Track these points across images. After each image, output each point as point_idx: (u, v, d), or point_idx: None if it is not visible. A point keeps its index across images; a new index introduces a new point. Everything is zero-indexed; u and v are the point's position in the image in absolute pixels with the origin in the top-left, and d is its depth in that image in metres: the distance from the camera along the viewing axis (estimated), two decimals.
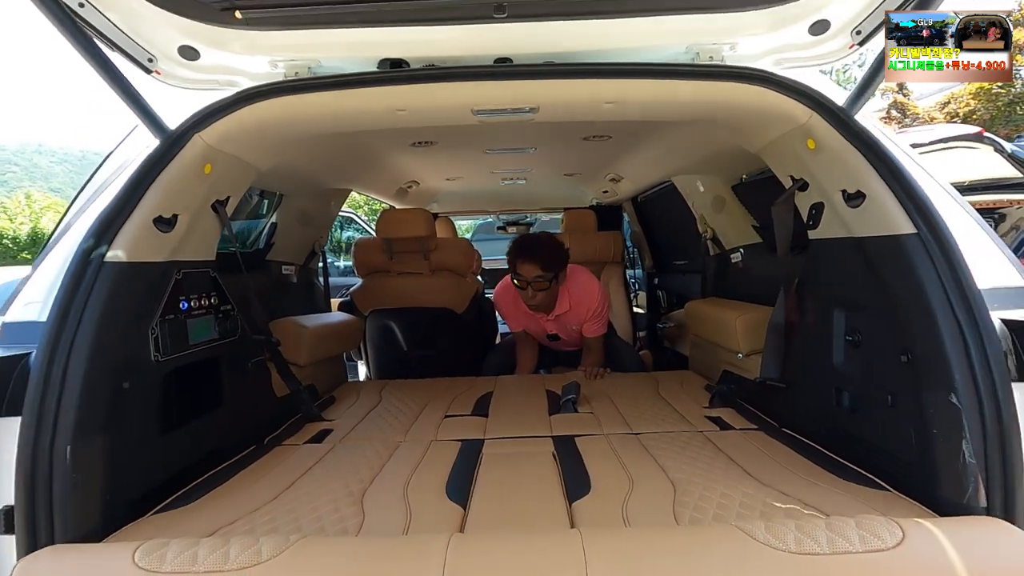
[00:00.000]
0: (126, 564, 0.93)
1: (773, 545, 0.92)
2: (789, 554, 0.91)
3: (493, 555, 0.96)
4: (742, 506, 1.19)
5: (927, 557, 0.91)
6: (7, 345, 1.09)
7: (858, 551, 0.90)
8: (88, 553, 1.02)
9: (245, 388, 1.70)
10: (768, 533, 0.94)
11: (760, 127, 1.51)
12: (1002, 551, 0.94)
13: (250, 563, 0.92)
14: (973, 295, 1.02)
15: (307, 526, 1.18)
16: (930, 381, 1.07)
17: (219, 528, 1.16)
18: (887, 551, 0.90)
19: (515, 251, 2.45)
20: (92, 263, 1.12)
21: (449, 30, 1.34)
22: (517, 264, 2.43)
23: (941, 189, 1.26)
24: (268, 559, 0.93)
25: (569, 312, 2.59)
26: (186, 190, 1.36)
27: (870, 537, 0.92)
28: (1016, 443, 0.97)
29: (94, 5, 1.18)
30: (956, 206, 1.24)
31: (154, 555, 0.94)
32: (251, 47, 1.36)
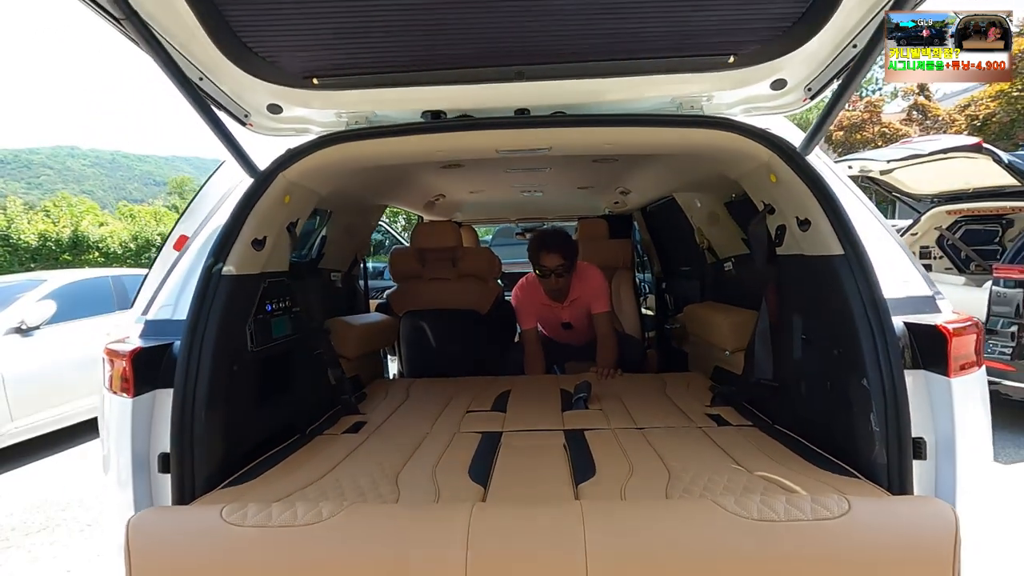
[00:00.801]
0: (215, 520, 1.17)
1: (739, 514, 1.12)
2: (751, 521, 1.11)
3: (507, 520, 1.19)
4: (725, 489, 1.34)
5: (865, 525, 1.10)
6: (152, 337, 1.46)
7: (808, 519, 1.10)
8: (183, 512, 1.29)
9: (308, 375, 2.06)
10: (736, 505, 1.14)
11: (734, 162, 1.82)
12: (928, 522, 1.11)
13: (314, 520, 1.15)
14: (881, 303, 1.33)
15: (352, 499, 1.36)
16: (850, 369, 1.37)
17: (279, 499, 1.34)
18: (833, 519, 1.10)
19: (538, 245, 2.86)
20: (214, 276, 1.48)
21: (479, 88, 1.66)
22: (541, 256, 2.83)
23: (871, 215, 1.56)
24: (327, 518, 1.16)
25: (580, 297, 3.00)
26: (272, 217, 1.73)
27: (820, 508, 1.12)
28: (905, 414, 1.26)
29: (210, 79, 1.55)
30: (883, 229, 1.54)
31: (237, 514, 1.17)
32: (323, 103, 1.71)
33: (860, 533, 1.06)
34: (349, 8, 1.38)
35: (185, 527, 1.16)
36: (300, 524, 1.11)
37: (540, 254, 2.84)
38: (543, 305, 3.05)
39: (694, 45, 1.50)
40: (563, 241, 2.86)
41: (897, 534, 1.06)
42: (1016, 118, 13.21)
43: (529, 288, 3.09)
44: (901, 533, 1.06)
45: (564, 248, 2.83)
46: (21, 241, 13.64)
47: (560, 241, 2.85)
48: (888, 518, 1.10)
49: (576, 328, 3.12)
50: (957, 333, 1.26)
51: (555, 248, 2.82)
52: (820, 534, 1.06)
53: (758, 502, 1.14)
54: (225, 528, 1.10)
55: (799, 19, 1.39)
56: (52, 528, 3.40)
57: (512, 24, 1.43)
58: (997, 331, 4.50)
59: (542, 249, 2.83)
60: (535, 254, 2.86)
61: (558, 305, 3.02)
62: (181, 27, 1.36)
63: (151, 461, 1.36)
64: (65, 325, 4.94)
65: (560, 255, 2.82)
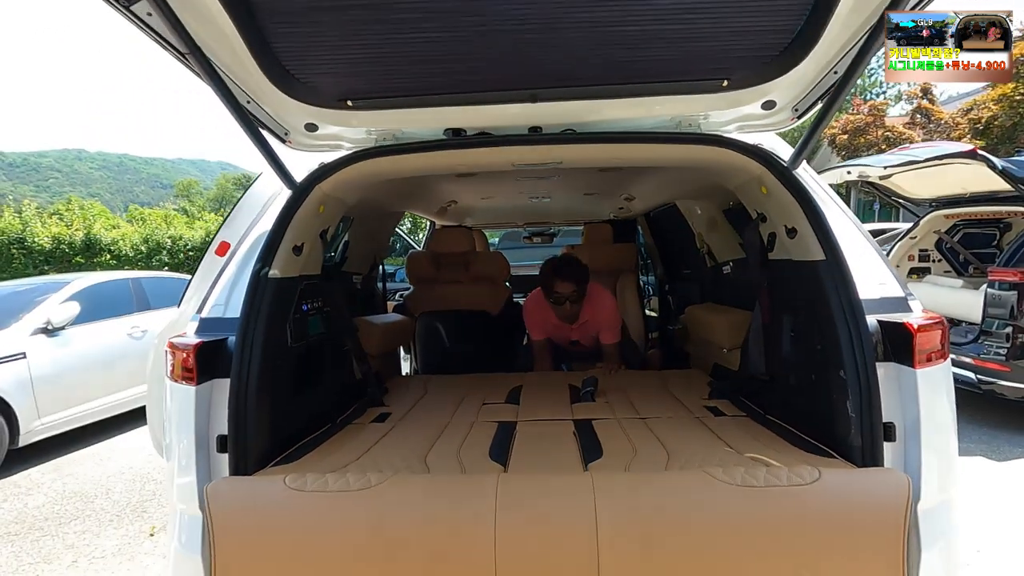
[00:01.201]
0: (280, 486, 1.35)
1: (726, 481, 1.30)
2: (735, 486, 1.29)
3: (528, 486, 1.38)
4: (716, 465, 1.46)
5: (832, 490, 1.28)
6: (207, 333, 1.64)
7: (784, 485, 1.28)
8: (251, 480, 1.48)
9: (338, 369, 2.23)
10: (724, 474, 1.32)
11: (728, 175, 1.99)
12: (886, 488, 1.29)
13: (364, 486, 1.33)
14: (857, 304, 1.49)
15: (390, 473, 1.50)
16: (830, 362, 1.54)
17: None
18: (805, 485, 1.28)
19: (551, 273, 2.94)
20: (262, 279, 1.66)
21: (497, 108, 1.82)
22: (555, 283, 2.92)
23: (852, 225, 1.72)
24: (376, 485, 1.35)
25: (589, 321, 3.09)
26: (309, 226, 1.90)
27: (795, 477, 1.29)
28: (877, 401, 1.42)
29: (256, 102, 1.73)
30: (863, 238, 1.70)
31: (298, 481, 1.35)
32: (355, 123, 1.88)
33: (827, 496, 1.23)
34: (380, 39, 1.55)
35: (255, 492, 1.33)
36: (353, 489, 1.29)
37: (554, 281, 2.93)
38: (553, 324, 3.16)
39: (692, 71, 1.66)
40: (576, 269, 2.95)
41: (859, 497, 1.23)
42: (1018, 121, 13.27)
43: (539, 306, 3.17)
44: (862, 496, 1.23)
45: (577, 276, 2.93)
46: (36, 244, 13.88)
47: (573, 269, 2.94)
48: (852, 484, 1.27)
49: (584, 345, 3.25)
50: (922, 329, 1.41)
51: (568, 276, 2.92)
52: (794, 497, 1.23)
53: (743, 472, 1.32)
54: (289, 492, 1.27)
55: (785, 49, 1.56)
56: (83, 518, 3.58)
57: (528, 53, 1.60)
58: (992, 332, 4.62)
59: (556, 276, 2.93)
60: (548, 280, 2.95)
61: (567, 326, 3.13)
62: (233, 58, 1.54)
63: (210, 442, 1.53)
64: (88, 326, 5.13)
65: (573, 283, 2.92)
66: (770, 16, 1.46)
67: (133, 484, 4.08)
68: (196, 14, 1.36)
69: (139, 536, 3.30)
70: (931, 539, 1.35)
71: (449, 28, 1.50)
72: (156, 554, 3.09)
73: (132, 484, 4.08)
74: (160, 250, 15.58)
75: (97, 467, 4.46)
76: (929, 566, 1.33)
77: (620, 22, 1.46)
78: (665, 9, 1.42)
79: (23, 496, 3.96)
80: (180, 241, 15.98)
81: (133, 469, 4.38)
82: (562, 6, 1.41)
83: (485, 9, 1.44)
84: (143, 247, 15.41)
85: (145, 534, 3.32)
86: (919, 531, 1.33)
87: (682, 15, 1.44)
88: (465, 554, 1.19)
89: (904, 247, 6.50)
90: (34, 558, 3.12)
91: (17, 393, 4.43)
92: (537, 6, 1.42)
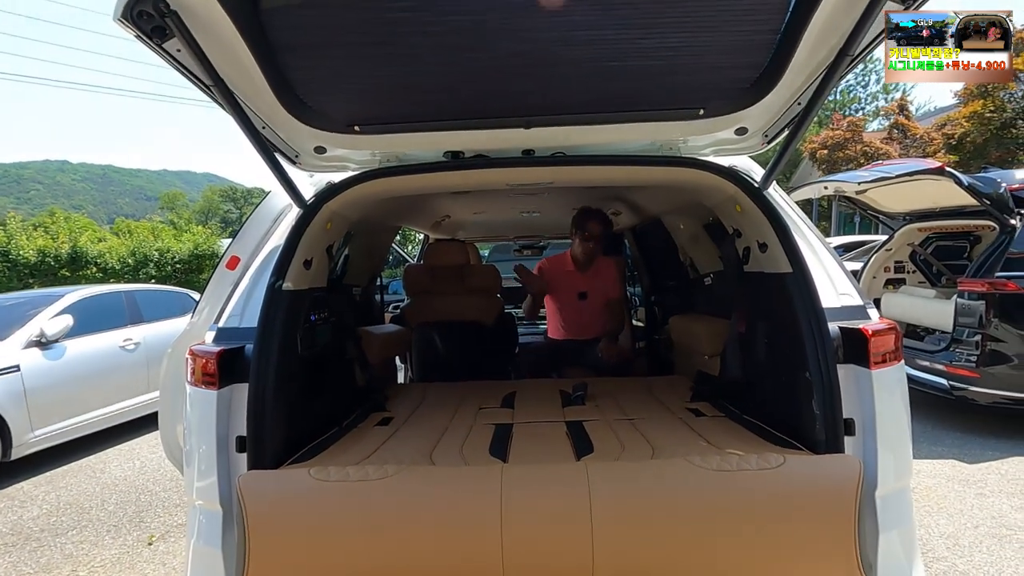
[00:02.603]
0: (306, 477, 1.48)
1: (703, 466, 1.47)
2: (711, 471, 1.46)
3: (530, 474, 1.52)
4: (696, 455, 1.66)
5: (795, 472, 1.46)
6: (226, 342, 1.75)
7: (754, 469, 1.45)
8: (278, 473, 1.61)
9: (342, 376, 2.35)
10: (702, 461, 1.49)
11: (706, 194, 2.16)
12: (840, 470, 1.46)
13: (383, 476, 1.46)
14: (820, 311, 1.65)
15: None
16: (797, 365, 1.70)
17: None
18: (771, 469, 1.46)
19: (587, 214, 3.46)
20: (276, 291, 1.78)
21: (493, 132, 1.97)
22: (588, 223, 3.43)
23: (816, 239, 1.90)
24: (393, 475, 1.48)
25: (598, 274, 3.57)
26: (317, 241, 2.03)
27: (763, 462, 1.47)
28: (838, 399, 1.58)
29: (271, 127, 1.86)
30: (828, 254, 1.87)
31: (321, 473, 1.48)
32: (361, 146, 2.01)
33: (790, 477, 1.41)
34: (387, 71, 1.69)
35: (283, 482, 1.46)
36: (373, 479, 1.42)
37: (588, 220, 3.43)
38: (567, 272, 3.56)
39: (672, 101, 1.83)
40: (605, 217, 3.51)
41: (817, 477, 1.42)
42: (989, 138, 13.80)
43: (556, 259, 3.68)
44: (820, 476, 1.42)
45: (605, 222, 3.48)
46: (20, 257, 13.77)
47: (604, 216, 3.50)
48: (812, 468, 1.46)
49: (589, 300, 3.57)
50: (876, 334, 1.58)
51: (600, 219, 3.46)
52: (762, 478, 1.41)
53: (718, 460, 1.49)
54: (315, 483, 1.40)
55: (754, 82, 1.73)
56: (80, 528, 3.62)
57: (522, 85, 1.75)
58: (963, 340, 4.83)
59: (591, 218, 3.44)
60: (583, 219, 3.44)
61: (579, 275, 3.53)
62: (252, 88, 1.67)
63: (230, 442, 1.64)
64: (82, 339, 5.16)
65: (601, 224, 3.44)
66: (741, 54, 1.64)
67: (128, 495, 4.12)
68: (221, 50, 1.49)
69: (137, 545, 3.35)
70: (888, 522, 1.51)
71: (450, 62, 1.66)
72: (156, 562, 3.14)
73: (127, 495, 4.12)
74: (147, 263, 15.52)
75: (91, 479, 4.48)
76: (888, 546, 1.50)
77: (607, 58, 1.62)
78: (647, 47, 1.58)
79: (17, 508, 3.98)
80: (168, 254, 15.93)
81: (128, 480, 4.41)
82: (555, 44, 1.57)
83: (483, 45, 1.59)
84: (130, 260, 15.34)
85: (143, 543, 3.37)
86: (877, 515, 1.49)
87: (663, 52, 1.61)
88: (475, 532, 1.33)
89: (880, 259, 6.74)
90: (33, 568, 3.16)
91: (10, 406, 4.45)
92: (531, 44, 1.57)
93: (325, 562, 1.39)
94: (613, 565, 1.37)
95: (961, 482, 3.80)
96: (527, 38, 1.56)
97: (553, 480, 1.47)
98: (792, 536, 1.36)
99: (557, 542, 1.33)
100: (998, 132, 13.71)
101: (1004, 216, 4.83)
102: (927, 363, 5.05)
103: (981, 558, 2.86)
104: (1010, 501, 3.49)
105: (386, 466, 1.52)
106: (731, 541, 1.35)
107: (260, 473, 1.60)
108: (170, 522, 3.64)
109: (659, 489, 1.40)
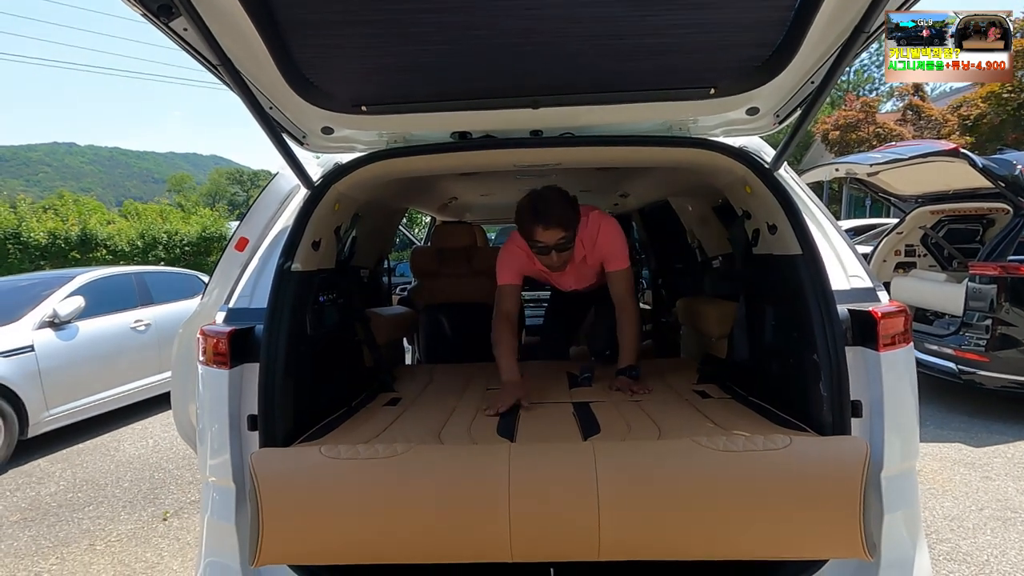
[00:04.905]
0: (317, 455, 1.49)
1: (709, 447, 1.46)
2: (718, 451, 1.45)
3: (537, 452, 1.53)
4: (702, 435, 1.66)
5: (801, 453, 1.45)
6: (236, 323, 1.77)
7: (760, 449, 1.45)
8: (289, 451, 1.63)
9: (351, 357, 2.37)
10: (708, 441, 1.48)
11: (716, 175, 2.13)
12: (846, 452, 1.45)
13: (392, 454, 1.48)
14: (829, 294, 1.64)
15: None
16: (805, 347, 1.69)
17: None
18: (778, 450, 1.45)
19: (529, 218, 2.25)
20: (285, 273, 1.79)
21: (500, 113, 1.94)
22: (536, 232, 2.25)
23: (827, 221, 1.88)
24: (402, 453, 1.49)
25: (587, 258, 2.52)
26: (325, 223, 2.04)
27: (769, 443, 1.46)
28: (846, 381, 1.58)
29: (278, 108, 1.85)
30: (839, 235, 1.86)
31: (332, 451, 1.49)
32: (368, 126, 2.00)
33: (797, 458, 1.41)
34: (394, 51, 1.67)
35: (295, 459, 1.48)
36: (382, 456, 1.44)
37: (534, 229, 2.26)
38: (539, 269, 2.51)
39: (682, 80, 1.80)
40: (561, 208, 2.25)
41: (823, 458, 1.41)
42: (1006, 119, 13.53)
43: (518, 250, 2.46)
44: (826, 457, 1.42)
45: (564, 218, 2.25)
46: (32, 239, 13.89)
47: (558, 209, 2.24)
48: (818, 449, 1.46)
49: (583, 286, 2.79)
50: (885, 317, 1.57)
51: (554, 220, 2.22)
52: (768, 459, 1.41)
53: (724, 440, 1.49)
54: (325, 460, 1.43)
55: (766, 61, 1.70)
56: (96, 504, 3.71)
57: (529, 64, 1.73)
58: (973, 324, 4.80)
59: (537, 223, 2.24)
60: (528, 229, 2.28)
61: (558, 273, 2.56)
62: (259, 68, 1.66)
63: (242, 420, 1.67)
64: (93, 320, 5.23)
65: (560, 228, 2.24)
66: (752, 32, 1.60)
67: (143, 472, 4.21)
68: (228, 29, 1.48)
69: (152, 521, 3.43)
70: (893, 503, 1.52)
71: (457, 41, 1.63)
72: (170, 537, 3.23)
73: (142, 472, 4.21)
74: (156, 245, 15.62)
75: (106, 457, 4.58)
76: (892, 526, 1.51)
77: (616, 36, 1.60)
78: (657, 25, 1.55)
79: (35, 485, 4.08)
80: (176, 236, 16.02)
81: (142, 458, 4.50)
82: (562, 22, 1.55)
83: (490, 24, 1.57)
84: (139, 242, 15.45)
85: (158, 519, 3.45)
86: (882, 496, 1.50)
87: (673, 30, 1.57)
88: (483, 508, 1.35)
89: (891, 242, 6.68)
90: (52, 542, 3.24)
91: (26, 385, 4.54)
92: (539, 22, 1.55)
93: (335, 537, 1.41)
94: (619, 540, 1.38)
95: (967, 465, 3.81)
96: (535, 16, 1.54)
97: (560, 459, 1.48)
98: (797, 516, 1.36)
99: (564, 519, 1.35)
100: (1015, 113, 13.43)
101: (1019, 199, 4.76)
102: (935, 347, 5.03)
103: (985, 540, 2.88)
104: (1016, 484, 3.49)
105: (395, 444, 1.54)
106: (736, 519, 1.36)
107: (272, 451, 1.63)
108: (183, 499, 3.72)
109: (665, 468, 1.41)
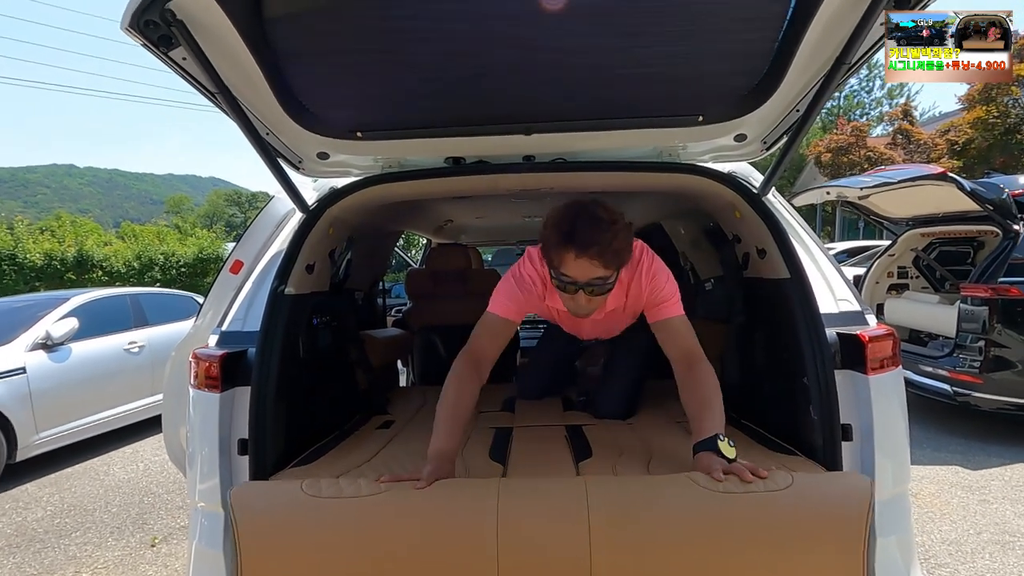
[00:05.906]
0: (298, 492, 1.40)
1: (707, 487, 1.37)
2: (715, 492, 1.36)
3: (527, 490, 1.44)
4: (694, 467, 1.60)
5: (804, 494, 1.36)
6: (229, 346, 1.77)
7: (760, 491, 1.36)
8: (271, 486, 1.56)
9: (344, 380, 2.36)
10: (706, 480, 1.39)
11: (706, 200, 2.17)
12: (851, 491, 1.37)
13: (375, 492, 1.40)
14: (817, 317, 1.66)
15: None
16: (795, 370, 1.70)
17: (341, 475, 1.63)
18: (779, 491, 1.36)
19: (560, 238, 1.59)
20: (279, 296, 1.80)
21: (493, 139, 1.97)
22: (565, 259, 1.60)
23: (815, 245, 1.91)
24: (385, 490, 1.40)
25: (625, 307, 1.90)
26: (320, 246, 2.05)
27: (770, 483, 1.38)
28: (835, 405, 1.58)
29: (274, 133, 1.88)
30: (826, 259, 1.88)
31: (313, 487, 1.40)
32: (364, 152, 2.03)
33: (799, 500, 1.34)
34: (389, 79, 1.72)
35: (275, 497, 1.42)
36: (364, 495, 1.38)
37: (563, 255, 1.60)
38: (551, 309, 1.97)
39: (670, 108, 1.84)
40: (611, 239, 1.57)
41: (828, 500, 1.35)
42: (993, 143, 13.77)
43: (531, 276, 1.87)
44: (830, 499, 1.35)
45: (610, 251, 1.57)
46: (27, 260, 13.87)
47: (607, 239, 1.56)
48: (822, 488, 1.39)
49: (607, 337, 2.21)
50: (873, 340, 1.58)
51: (594, 252, 1.56)
52: (770, 502, 1.33)
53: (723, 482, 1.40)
54: (306, 499, 1.36)
55: (752, 89, 1.74)
56: (83, 530, 3.64)
57: (523, 91, 1.77)
58: (966, 346, 4.81)
59: (570, 246, 1.58)
60: (555, 253, 1.63)
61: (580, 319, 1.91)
62: (256, 95, 1.70)
63: (232, 445, 1.66)
64: (87, 341, 5.20)
65: (601, 263, 1.58)
66: (739, 62, 1.65)
67: (132, 497, 4.14)
68: (226, 58, 1.51)
69: (140, 547, 3.37)
70: (886, 528, 1.50)
71: (451, 69, 1.67)
72: (158, 564, 3.16)
73: (131, 497, 4.15)
74: (152, 266, 15.61)
75: (95, 481, 4.51)
76: (886, 551, 1.48)
77: (606, 66, 1.64)
78: (646, 55, 1.59)
79: (22, 510, 4.00)
80: (173, 257, 16.02)
81: (131, 482, 4.44)
82: (555, 52, 1.59)
83: (483, 53, 1.61)
84: (135, 263, 15.44)
85: (146, 545, 3.39)
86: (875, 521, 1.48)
87: (661, 60, 1.62)
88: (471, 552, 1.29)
89: (883, 264, 6.73)
90: (37, 569, 3.18)
91: (16, 408, 4.49)
92: (531, 52, 1.59)
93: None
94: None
95: (964, 488, 3.79)
96: (528, 46, 1.58)
97: (550, 497, 1.41)
98: (797, 560, 1.30)
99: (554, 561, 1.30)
100: (1002, 137, 13.67)
101: (1007, 221, 4.83)
102: (930, 368, 5.04)
103: (984, 564, 2.85)
104: (1013, 507, 3.47)
105: (380, 480, 1.45)
106: (734, 566, 1.29)
107: (253, 485, 1.58)
108: (173, 524, 3.66)
109: (659, 511, 1.35)
